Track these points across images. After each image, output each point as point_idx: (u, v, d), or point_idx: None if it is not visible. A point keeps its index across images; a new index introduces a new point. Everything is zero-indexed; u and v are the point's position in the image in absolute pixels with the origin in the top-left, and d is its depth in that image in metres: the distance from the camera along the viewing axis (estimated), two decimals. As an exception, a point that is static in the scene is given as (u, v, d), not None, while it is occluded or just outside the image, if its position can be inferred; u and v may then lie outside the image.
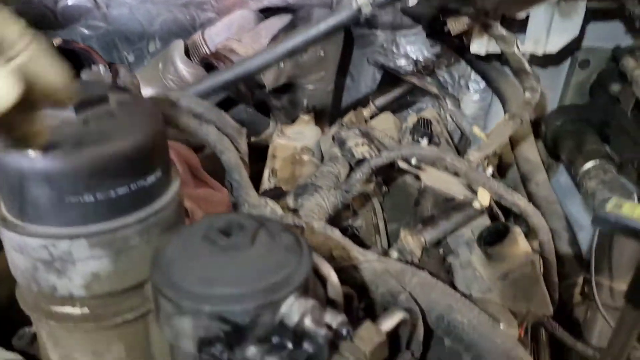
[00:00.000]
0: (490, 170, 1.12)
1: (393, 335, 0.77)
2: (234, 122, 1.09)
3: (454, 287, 0.98)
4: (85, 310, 0.74)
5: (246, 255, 0.59)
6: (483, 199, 1.02)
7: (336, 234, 0.93)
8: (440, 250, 1.07)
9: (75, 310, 0.74)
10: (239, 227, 0.61)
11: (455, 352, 0.88)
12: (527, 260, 0.98)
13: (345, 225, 1.18)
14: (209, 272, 0.58)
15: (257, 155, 1.45)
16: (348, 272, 0.87)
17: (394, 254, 1.05)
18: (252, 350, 0.58)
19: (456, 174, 1.08)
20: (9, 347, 0.81)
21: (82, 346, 0.76)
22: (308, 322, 0.58)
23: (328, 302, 0.69)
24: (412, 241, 1.04)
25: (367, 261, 0.88)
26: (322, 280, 0.71)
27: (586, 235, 1.44)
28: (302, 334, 0.58)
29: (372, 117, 1.61)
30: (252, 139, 1.62)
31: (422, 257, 1.06)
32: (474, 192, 1.05)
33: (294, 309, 0.57)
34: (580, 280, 1.13)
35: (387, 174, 1.26)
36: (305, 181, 1.10)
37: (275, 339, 0.58)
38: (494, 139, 1.14)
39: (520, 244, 0.99)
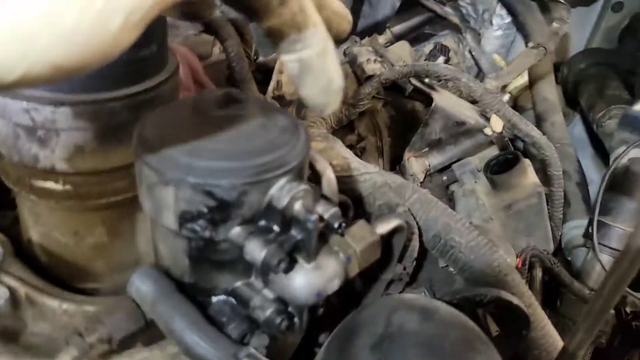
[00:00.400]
0: (506, 97, 1.06)
1: (386, 245, 0.74)
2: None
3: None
4: (68, 187, 0.70)
5: (239, 129, 0.55)
6: (495, 125, 0.96)
7: (337, 143, 0.89)
8: (444, 177, 1.03)
9: (58, 187, 0.70)
10: (234, 100, 0.56)
11: (448, 275, 0.85)
12: (534, 192, 0.94)
13: (348, 145, 1.14)
14: (198, 143, 0.54)
15: (267, 76, 1.39)
16: (346, 183, 0.83)
17: (396, 175, 1.01)
18: (236, 230, 0.54)
19: (472, 101, 1.02)
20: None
21: (63, 226, 0.73)
22: (298, 207, 0.54)
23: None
24: (415, 164, 1.00)
25: (368, 173, 0.84)
26: (318, 176, 0.67)
27: (595, 189, 1.39)
28: (290, 219, 0.54)
29: (387, 45, 1.54)
30: (261, 58, 1.56)
31: (425, 182, 1.02)
32: (487, 120, 1.00)
33: (285, 192, 0.53)
34: (585, 222, 1.10)
35: (397, 100, 1.21)
36: (310, 93, 1.04)
37: (261, 222, 0.55)
38: (515, 68, 1.08)
39: (528, 175, 0.95)
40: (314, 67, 0.46)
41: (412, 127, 1.15)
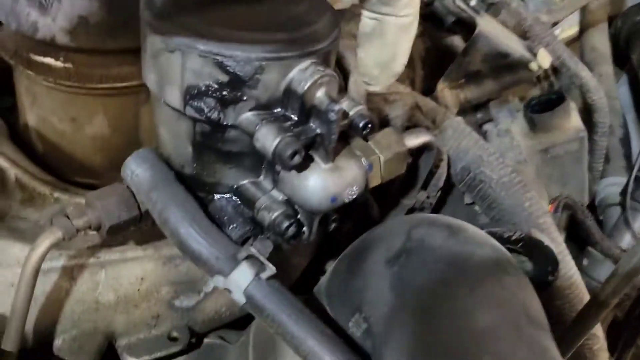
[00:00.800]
0: (558, 31, 0.97)
1: (412, 166, 0.67)
2: None
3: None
4: (69, 65, 0.64)
5: (261, -2, 0.48)
6: (543, 60, 0.88)
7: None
8: (478, 115, 0.95)
9: (57, 63, 0.64)
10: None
11: (472, 213, 0.78)
12: (575, 137, 0.86)
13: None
14: (213, 9, 0.47)
15: None
16: (373, 102, 0.76)
17: (426, 107, 0.93)
18: (248, 115, 0.47)
19: (523, 35, 0.92)
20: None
21: (61, 110, 0.67)
22: (320, 95, 0.47)
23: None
24: (449, 96, 0.92)
25: (397, 93, 0.77)
26: (345, 74, 0.60)
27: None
28: (310, 109, 0.48)
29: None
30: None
31: (457, 117, 0.94)
32: (534, 56, 0.91)
33: (307, 75, 0.46)
34: (623, 180, 1.01)
35: (436, 32, 1.12)
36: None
37: (277, 110, 0.48)
38: (570, 3, 0.98)
39: (572, 118, 0.87)
40: (388, 36, 0.42)
41: (448, 62, 1.06)
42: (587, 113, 0.93)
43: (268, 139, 0.46)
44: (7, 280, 0.54)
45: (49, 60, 0.63)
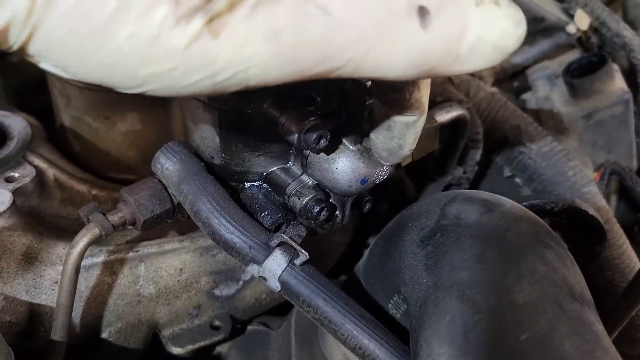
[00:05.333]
0: (595, -11, 0.91)
1: (446, 141, 0.65)
2: None
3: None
4: (97, 64, 0.65)
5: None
6: (581, 22, 0.83)
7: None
8: (515, 84, 0.91)
9: (86, 63, 0.65)
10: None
11: (513, 186, 0.76)
12: (620, 100, 0.82)
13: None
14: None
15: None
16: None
17: (460, 79, 0.90)
18: (271, 101, 0.47)
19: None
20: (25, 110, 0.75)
21: (94, 109, 0.68)
22: (343, 75, 0.46)
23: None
24: (483, 66, 0.89)
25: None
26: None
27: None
28: (335, 89, 0.46)
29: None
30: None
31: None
32: (571, 18, 0.86)
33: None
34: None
35: None
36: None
37: (301, 93, 0.47)
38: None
39: (615, 80, 0.82)
40: (395, 131, 0.45)
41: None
42: (632, 74, 0.89)
43: (292, 124, 0.45)
44: (52, 278, 0.56)
45: (77, 60, 0.64)
